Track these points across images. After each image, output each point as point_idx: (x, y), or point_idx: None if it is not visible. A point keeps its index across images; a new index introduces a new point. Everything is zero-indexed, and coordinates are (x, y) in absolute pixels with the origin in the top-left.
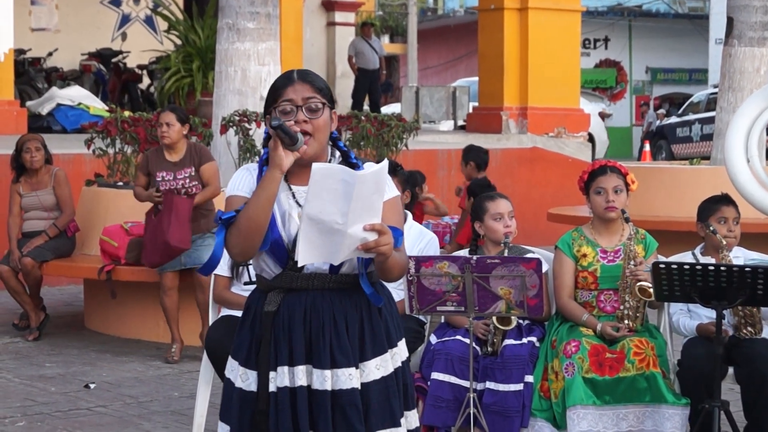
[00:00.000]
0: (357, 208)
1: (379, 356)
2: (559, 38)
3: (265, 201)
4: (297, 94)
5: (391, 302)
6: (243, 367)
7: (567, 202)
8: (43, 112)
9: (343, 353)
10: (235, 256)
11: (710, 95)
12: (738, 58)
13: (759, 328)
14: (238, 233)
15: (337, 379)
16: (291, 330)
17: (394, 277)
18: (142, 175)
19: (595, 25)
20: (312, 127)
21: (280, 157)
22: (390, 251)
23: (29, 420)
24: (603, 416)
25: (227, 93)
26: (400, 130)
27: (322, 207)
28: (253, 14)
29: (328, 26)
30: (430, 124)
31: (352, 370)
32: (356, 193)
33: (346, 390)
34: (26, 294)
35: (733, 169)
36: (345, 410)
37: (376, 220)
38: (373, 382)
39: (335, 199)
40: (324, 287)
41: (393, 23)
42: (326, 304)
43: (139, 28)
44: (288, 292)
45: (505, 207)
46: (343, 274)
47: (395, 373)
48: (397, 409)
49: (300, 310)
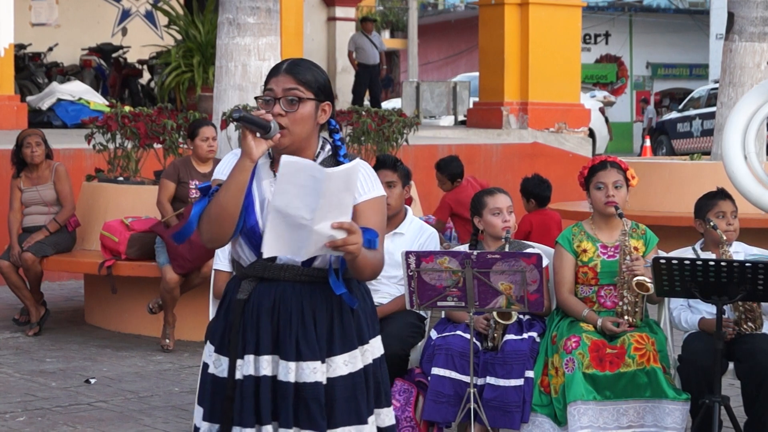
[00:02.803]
0: (325, 205)
1: (347, 352)
2: (559, 33)
3: (235, 189)
4: (278, 85)
5: (367, 299)
6: (216, 353)
7: (567, 197)
8: (43, 107)
9: (309, 346)
10: (207, 242)
11: (711, 90)
12: (738, 53)
13: (759, 323)
14: (208, 219)
15: (301, 372)
16: (259, 319)
17: (365, 277)
18: (171, 183)
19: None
20: (288, 120)
21: (250, 146)
22: (358, 251)
23: (30, 415)
24: (603, 411)
25: (228, 88)
26: (400, 125)
27: (289, 201)
28: (254, 9)
29: (329, 21)
30: (431, 119)
31: (317, 364)
32: (324, 190)
33: (310, 383)
34: (27, 289)
35: (731, 165)
36: (307, 403)
37: (345, 219)
38: (340, 377)
39: (303, 195)
40: (295, 279)
41: (393, 18)
42: (296, 296)
43: (139, 23)
44: (260, 281)
45: (504, 202)
46: (316, 268)
47: (365, 370)
48: (363, 407)
49: (269, 299)
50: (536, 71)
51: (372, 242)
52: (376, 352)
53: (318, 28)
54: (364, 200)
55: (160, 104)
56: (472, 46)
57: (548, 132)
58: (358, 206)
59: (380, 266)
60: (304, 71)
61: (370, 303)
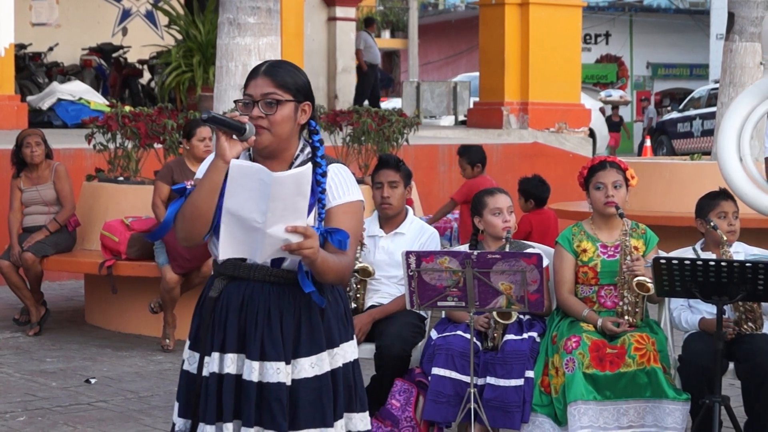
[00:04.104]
0: (277, 208)
1: (314, 354)
2: (559, 33)
3: (208, 189)
4: (257, 89)
5: (340, 302)
6: (191, 349)
7: (568, 197)
8: (43, 107)
9: (273, 346)
10: (181, 240)
11: (711, 90)
12: (739, 53)
13: (760, 323)
14: (182, 218)
15: (264, 372)
16: (227, 317)
17: (329, 280)
18: (165, 185)
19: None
20: (267, 122)
21: (223, 148)
22: (314, 255)
23: (30, 415)
24: (604, 411)
25: (228, 88)
26: (400, 125)
27: (240, 204)
28: (254, 9)
29: (329, 21)
30: (431, 119)
31: (281, 365)
32: (274, 193)
33: (273, 383)
34: (27, 289)
35: (726, 167)
36: (270, 403)
37: (300, 223)
38: (305, 379)
39: (253, 198)
40: (264, 279)
41: (394, 18)
42: (264, 296)
43: (139, 23)
44: (231, 279)
45: (504, 202)
46: (285, 269)
47: (333, 374)
48: (328, 410)
49: (237, 298)
50: (536, 71)
51: (342, 243)
52: (348, 356)
53: (318, 28)
54: (338, 204)
55: (161, 104)
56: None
57: (548, 132)
58: (331, 210)
59: (347, 271)
60: (283, 74)
61: (344, 306)
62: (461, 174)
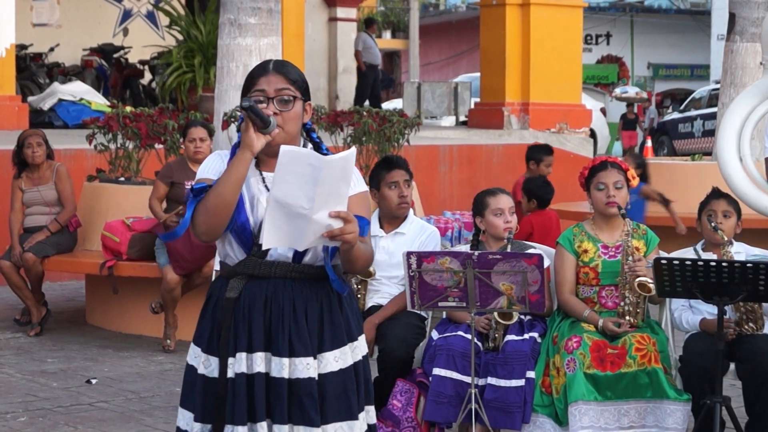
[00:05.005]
0: (323, 193)
1: (338, 348)
2: (560, 34)
3: (234, 180)
4: (270, 85)
5: (352, 299)
6: (205, 353)
7: (569, 198)
8: (44, 107)
9: (301, 342)
10: (201, 234)
11: (712, 91)
12: (740, 53)
13: (760, 324)
14: (205, 211)
15: (294, 368)
16: (251, 317)
17: (358, 268)
18: (163, 185)
19: (597, 21)
20: (282, 118)
21: (251, 139)
22: (355, 240)
23: (31, 415)
24: (605, 412)
25: (229, 88)
26: (401, 125)
27: (288, 190)
28: (255, 10)
29: (330, 22)
30: (432, 119)
31: (310, 360)
32: (323, 178)
33: (303, 379)
34: (28, 289)
35: (726, 167)
36: (301, 399)
37: (342, 208)
38: (331, 373)
39: (302, 184)
40: (286, 276)
41: (395, 19)
42: (287, 292)
43: (140, 24)
44: (250, 278)
45: (506, 202)
46: (306, 264)
47: (354, 367)
48: (354, 403)
49: (261, 297)
50: (537, 72)
51: (363, 230)
52: (363, 350)
53: (319, 29)
54: (351, 194)
55: (162, 105)
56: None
57: (549, 132)
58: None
59: (371, 258)
60: (291, 71)
61: (355, 303)
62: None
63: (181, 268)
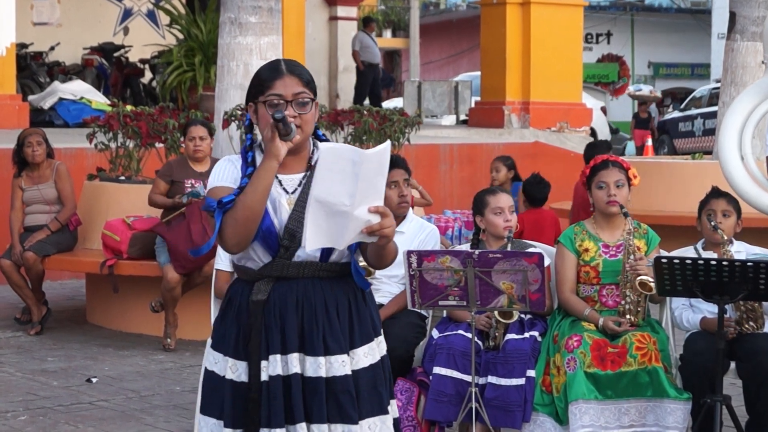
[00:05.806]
0: (363, 189)
1: (366, 344)
2: (561, 33)
3: (262, 190)
4: (287, 89)
5: (372, 294)
6: (232, 358)
7: (569, 197)
8: (45, 106)
9: (335, 340)
10: (232, 246)
11: (713, 90)
12: (740, 52)
13: (761, 323)
14: (234, 223)
15: (330, 366)
16: (283, 318)
17: (389, 262)
18: (163, 182)
19: (597, 20)
20: (300, 120)
21: (278, 148)
22: (392, 234)
23: (31, 414)
24: (605, 411)
25: (229, 87)
26: (402, 124)
27: (330, 188)
28: (255, 8)
29: (330, 21)
30: (432, 118)
31: (345, 357)
32: (363, 173)
33: (341, 377)
34: (28, 288)
35: (727, 166)
36: (338, 397)
37: (379, 202)
38: (362, 369)
39: (343, 180)
40: (314, 275)
41: (395, 18)
42: (318, 292)
43: (141, 23)
44: (277, 280)
45: (506, 201)
46: (333, 262)
47: (382, 361)
48: (385, 397)
49: (292, 298)
50: (538, 70)
51: None
52: (385, 344)
53: (320, 28)
54: None
55: (162, 103)
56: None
57: (550, 131)
58: None
59: (397, 252)
60: (304, 72)
61: (373, 301)
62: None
63: (181, 267)
